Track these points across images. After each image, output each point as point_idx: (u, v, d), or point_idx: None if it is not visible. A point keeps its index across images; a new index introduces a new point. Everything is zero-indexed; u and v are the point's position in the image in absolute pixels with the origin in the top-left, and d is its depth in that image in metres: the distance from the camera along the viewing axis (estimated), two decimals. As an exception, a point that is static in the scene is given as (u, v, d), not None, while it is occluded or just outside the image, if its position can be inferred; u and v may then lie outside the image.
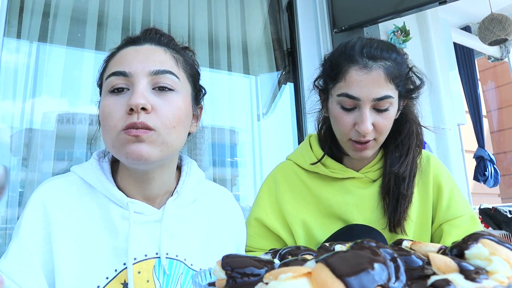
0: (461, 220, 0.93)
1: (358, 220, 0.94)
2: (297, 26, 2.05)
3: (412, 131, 0.95)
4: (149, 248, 0.70)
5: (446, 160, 1.97)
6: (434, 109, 2.04)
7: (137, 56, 0.69)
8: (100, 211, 0.71)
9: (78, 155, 1.68)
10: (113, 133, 0.66)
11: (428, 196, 0.96)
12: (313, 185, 0.99)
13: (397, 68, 0.87)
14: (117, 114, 0.66)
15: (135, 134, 0.64)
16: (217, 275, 0.37)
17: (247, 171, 2.23)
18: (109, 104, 0.67)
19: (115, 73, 0.67)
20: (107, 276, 0.66)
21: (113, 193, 0.71)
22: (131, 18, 1.93)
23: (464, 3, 2.85)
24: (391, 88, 0.86)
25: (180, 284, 0.70)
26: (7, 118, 1.63)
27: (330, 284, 0.27)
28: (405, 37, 1.91)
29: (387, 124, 0.87)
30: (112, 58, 0.72)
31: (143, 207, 0.72)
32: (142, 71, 0.67)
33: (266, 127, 2.26)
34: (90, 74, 1.78)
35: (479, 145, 3.48)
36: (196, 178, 0.82)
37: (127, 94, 0.67)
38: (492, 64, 3.99)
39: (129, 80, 0.67)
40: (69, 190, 0.72)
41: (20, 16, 1.70)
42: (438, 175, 0.98)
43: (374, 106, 0.85)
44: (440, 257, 0.33)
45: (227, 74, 2.17)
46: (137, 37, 0.73)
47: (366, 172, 0.97)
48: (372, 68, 0.85)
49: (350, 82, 0.86)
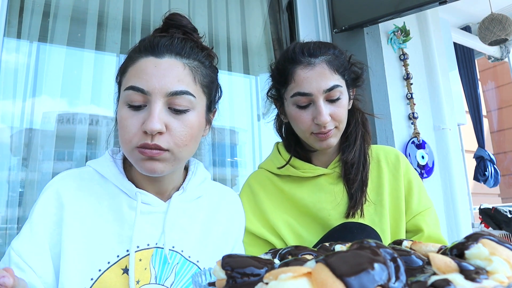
0: (430, 211, 1.03)
1: (334, 216, 0.97)
2: (297, 26, 2.05)
3: (358, 121, 1.02)
4: (152, 238, 0.74)
5: (446, 160, 1.97)
6: (434, 109, 2.04)
7: (156, 72, 0.70)
8: (109, 200, 0.75)
9: (78, 155, 1.68)
10: (128, 147, 0.71)
11: (400, 190, 1.02)
12: (286, 188, 1.02)
13: (338, 60, 0.95)
14: (133, 129, 0.69)
15: (149, 155, 0.69)
16: (217, 275, 0.37)
17: (247, 171, 2.22)
18: (126, 117, 0.71)
19: (134, 88, 0.70)
20: (108, 261, 0.71)
21: (123, 184, 0.76)
22: (131, 18, 1.93)
23: (464, 3, 2.85)
24: (337, 78, 0.93)
25: (174, 273, 0.74)
26: (7, 118, 1.63)
27: (330, 284, 0.27)
28: (405, 37, 1.91)
29: (343, 112, 0.94)
30: (131, 63, 0.73)
31: (150, 198, 0.77)
32: (160, 91, 0.69)
33: (266, 127, 2.26)
34: (90, 74, 1.78)
35: (479, 145, 3.48)
36: (202, 177, 0.86)
37: (144, 110, 0.70)
38: (492, 64, 3.99)
39: (146, 97, 0.70)
40: (82, 180, 0.76)
41: (20, 16, 1.70)
42: (408, 170, 1.05)
43: (326, 98, 0.92)
44: (440, 257, 0.33)
45: (227, 74, 2.17)
46: (158, 46, 0.73)
47: (334, 167, 1.02)
48: (315, 63, 0.92)
49: (299, 81, 0.92)
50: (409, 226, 1.02)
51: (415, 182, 1.04)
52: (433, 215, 1.03)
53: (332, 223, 0.96)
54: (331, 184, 1.01)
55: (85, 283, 0.68)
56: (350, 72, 0.98)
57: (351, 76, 0.99)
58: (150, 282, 0.72)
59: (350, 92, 1.00)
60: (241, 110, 2.21)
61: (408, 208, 1.02)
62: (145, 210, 0.75)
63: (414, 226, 1.01)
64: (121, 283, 0.69)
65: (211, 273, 0.45)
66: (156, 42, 0.73)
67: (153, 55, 0.72)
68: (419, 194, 1.03)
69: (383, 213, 0.98)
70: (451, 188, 1.94)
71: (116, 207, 0.74)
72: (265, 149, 2.19)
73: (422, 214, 1.01)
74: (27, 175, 1.61)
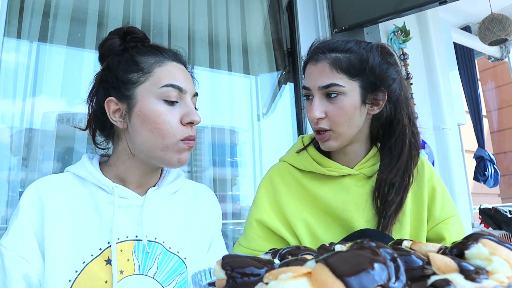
0: (454, 219, 0.98)
1: (357, 219, 0.94)
2: (297, 26, 2.05)
3: (404, 135, 0.93)
4: (130, 230, 0.79)
5: (446, 160, 1.97)
6: (434, 109, 2.04)
7: (185, 76, 0.83)
8: (89, 198, 0.79)
9: (78, 155, 1.68)
10: (170, 140, 0.78)
11: (423, 198, 0.97)
12: (309, 184, 0.99)
13: (350, 61, 0.91)
14: (174, 123, 0.78)
15: (192, 146, 0.81)
16: (217, 275, 0.37)
17: (247, 171, 2.23)
18: (165, 112, 0.79)
19: (173, 86, 0.79)
20: (92, 253, 0.74)
21: (100, 180, 0.80)
22: (131, 18, 1.93)
23: (464, 3, 2.85)
24: (340, 77, 0.90)
25: (157, 263, 0.79)
26: (7, 118, 1.63)
27: (330, 284, 0.27)
28: (405, 37, 1.91)
29: (339, 113, 0.90)
30: (158, 65, 0.81)
31: (127, 192, 0.81)
32: (190, 91, 0.83)
33: (266, 127, 2.26)
34: (90, 74, 1.77)
35: (479, 145, 3.48)
36: (174, 174, 0.92)
37: (178, 105, 0.80)
38: (492, 64, 3.99)
39: (181, 95, 0.80)
40: (61, 182, 0.80)
41: (20, 16, 1.70)
42: (432, 178, 1.00)
43: (323, 94, 0.91)
44: (440, 257, 0.33)
45: (227, 74, 2.17)
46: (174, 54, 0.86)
47: (360, 169, 0.98)
48: (318, 60, 0.93)
49: (305, 76, 0.96)
50: (431, 234, 0.97)
51: (439, 189, 0.99)
52: (457, 223, 0.97)
53: (354, 226, 0.93)
54: (357, 186, 0.97)
55: (70, 275, 0.71)
56: (368, 75, 0.91)
57: (369, 79, 0.92)
58: (134, 273, 0.76)
59: (371, 97, 0.92)
60: (241, 110, 2.21)
61: (430, 216, 0.97)
62: (122, 204, 0.79)
63: (436, 235, 0.97)
64: (105, 273, 0.73)
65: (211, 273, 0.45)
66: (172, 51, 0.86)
67: (176, 61, 0.84)
68: (442, 201, 0.98)
69: (405, 221, 0.94)
70: (451, 188, 1.94)
71: (95, 203, 0.78)
72: (265, 149, 2.19)
73: (445, 223, 0.96)
74: (27, 175, 1.61)
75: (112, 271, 0.73)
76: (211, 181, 2.03)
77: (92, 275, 0.72)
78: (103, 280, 0.73)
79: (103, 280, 0.73)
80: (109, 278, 0.73)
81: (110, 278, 0.73)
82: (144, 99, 0.79)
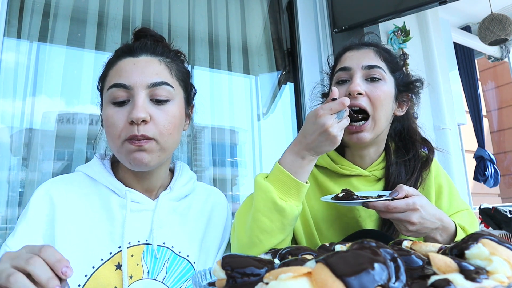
0: (462, 214, 0.98)
1: (364, 219, 0.95)
2: (297, 26, 2.05)
3: (418, 154, 0.99)
4: (141, 234, 0.78)
5: (446, 160, 1.97)
6: (434, 109, 2.04)
7: (135, 68, 0.76)
8: (100, 201, 0.78)
9: (78, 155, 1.68)
10: (117, 142, 0.75)
11: (430, 196, 0.98)
12: (320, 178, 1.00)
13: (390, 56, 0.96)
14: (120, 124, 0.74)
15: (138, 145, 0.74)
16: (217, 275, 0.37)
17: (247, 171, 2.22)
18: (112, 114, 0.75)
19: (117, 85, 0.75)
20: (102, 258, 0.73)
21: (113, 183, 0.79)
22: (131, 18, 1.93)
23: (464, 3, 2.85)
24: (382, 64, 0.93)
25: (166, 268, 0.78)
26: (7, 118, 1.63)
27: (330, 284, 0.27)
28: (405, 37, 1.91)
29: (380, 95, 0.91)
30: (111, 67, 0.79)
31: (139, 196, 0.81)
32: (140, 84, 0.75)
33: (266, 127, 2.26)
34: (90, 74, 1.77)
35: (479, 145, 3.48)
36: (187, 177, 0.91)
37: (128, 105, 0.75)
38: (492, 64, 3.99)
39: (129, 92, 0.75)
40: (73, 183, 0.80)
41: (20, 16, 1.70)
42: (438, 175, 1.02)
43: (365, 76, 0.92)
44: (440, 257, 0.33)
45: (227, 74, 2.17)
46: (133, 48, 0.80)
47: (373, 171, 0.99)
48: (362, 47, 0.96)
49: (343, 60, 0.97)
50: None
51: (445, 186, 1.00)
52: (466, 216, 0.97)
53: (360, 225, 0.94)
54: (366, 187, 0.98)
55: (80, 279, 0.70)
56: (403, 73, 0.98)
57: (404, 79, 0.98)
58: (143, 278, 0.75)
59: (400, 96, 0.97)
60: (241, 110, 2.21)
61: None
62: (134, 208, 0.79)
63: None
64: (115, 279, 0.72)
65: (211, 273, 0.45)
66: (131, 46, 0.81)
67: (130, 55, 0.79)
68: (450, 197, 0.99)
69: None
70: (451, 188, 1.94)
71: (106, 206, 0.78)
72: (265, 149, 2.18)
73: (453, 216, 0.96)
74: (27, 175, 1.60)
75: (123, 277, 0.72)
76: (211, 181, 2.03)
77: (102, 280, 0.71)
78: (113, 285, 0.72)
79: (112, 285, 0.72)
80: (119, 283, 0.72)
81: (120, 283, 0.72)
82: (104, 105, 0.79)
